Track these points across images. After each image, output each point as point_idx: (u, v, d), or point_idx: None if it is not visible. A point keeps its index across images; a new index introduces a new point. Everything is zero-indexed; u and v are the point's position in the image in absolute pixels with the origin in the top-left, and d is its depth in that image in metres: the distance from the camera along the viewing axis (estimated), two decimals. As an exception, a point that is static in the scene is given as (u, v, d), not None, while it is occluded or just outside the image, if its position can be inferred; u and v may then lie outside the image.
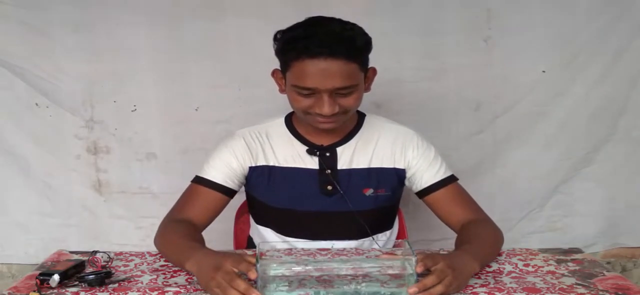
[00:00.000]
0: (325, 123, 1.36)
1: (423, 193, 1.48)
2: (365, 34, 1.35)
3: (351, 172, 1.45)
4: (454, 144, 2.07)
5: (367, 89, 1.41)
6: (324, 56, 1.26)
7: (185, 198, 1.46)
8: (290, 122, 1.49)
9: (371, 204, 1.45)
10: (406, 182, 1.51)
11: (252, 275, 1.11)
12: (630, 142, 2.13)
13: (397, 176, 1.48)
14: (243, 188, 1.54)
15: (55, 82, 2.08)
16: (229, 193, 1.46)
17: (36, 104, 2.10)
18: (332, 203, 1.44)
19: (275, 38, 1.36)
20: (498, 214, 2.18)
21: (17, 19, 2.03)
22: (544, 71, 2.07)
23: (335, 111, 1.32)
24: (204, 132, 2.05)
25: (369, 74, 1.40)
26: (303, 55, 1.28)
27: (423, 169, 1.46)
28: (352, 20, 1.91)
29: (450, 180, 1.47)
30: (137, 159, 2.15)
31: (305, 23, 1.33)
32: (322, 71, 1.27)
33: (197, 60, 2.07)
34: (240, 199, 1.68)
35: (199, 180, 1.46)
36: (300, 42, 1.28)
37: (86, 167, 2.15)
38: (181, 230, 1.36)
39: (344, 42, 1.28)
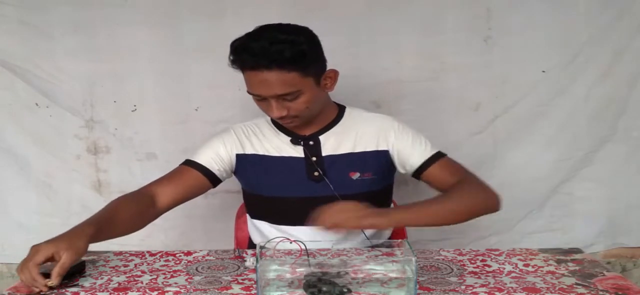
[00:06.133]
0: (284, 122, 1.44)
1: (417, 173, 1.51)
2: (301, 44, 1.34)
3: (336, 158, 1.49)
4: (454, 144, 2.06)
5: (330, 89, 1.46)
6: (260, 69, 1.33)
7: (167, 174, 1.52)
8: None
9: (358, 188, 1.48)
10: (397, 166, 1.53)
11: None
12: (630, 142, 2.13)
13: (381, 158, 1.51)
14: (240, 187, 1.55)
15: (55, 82, 2.09)
16: (210, 177, 1.51)
17: (36, 104, 2.10)
18: (320, 189, 1.47)
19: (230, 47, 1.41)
20: (498, 214, 2.20)
21: (17, 19, 2.04)
22: (544, 71, 2.07)
23: (283, 114, 1.39)
24: (204, 132, 2.04)
25: (329, 74, 1.43)
26: (244, 67, 1.37)
27: (409, 151, 1.50)
28: (352, 20, 1.88)
29: (439, 156, 1.50)
30: (137, 159, 2.15)
31: (248, 34, 1.37)
32: (261, 82, 1.35)
33: (197, 60, 2.07)
34: (240, 199, 1.68)
35: (184, 162, 1.53)
36: (241, 56, 1.36)
37: (86, 167, 2.15)
38: (119, 201, 1.43)
39: (272, 55, 1.31)
